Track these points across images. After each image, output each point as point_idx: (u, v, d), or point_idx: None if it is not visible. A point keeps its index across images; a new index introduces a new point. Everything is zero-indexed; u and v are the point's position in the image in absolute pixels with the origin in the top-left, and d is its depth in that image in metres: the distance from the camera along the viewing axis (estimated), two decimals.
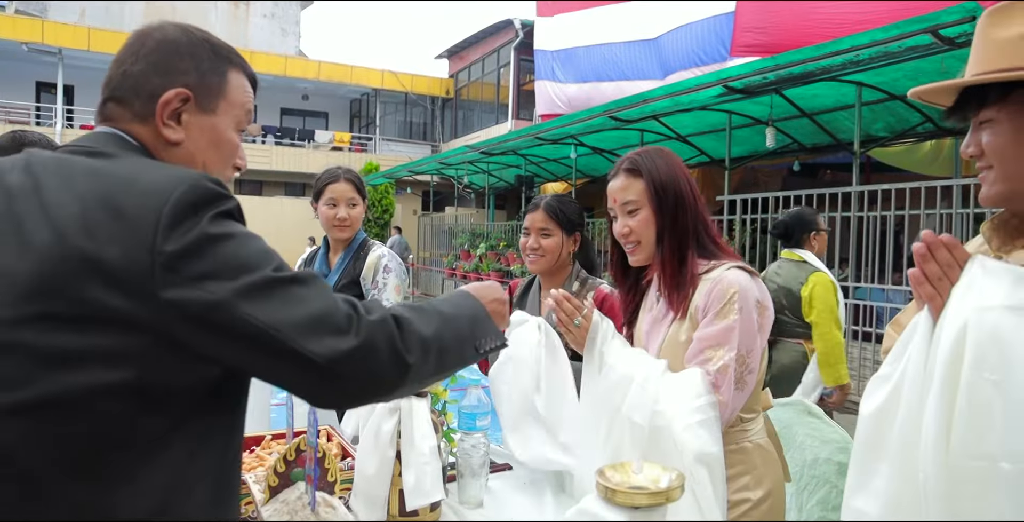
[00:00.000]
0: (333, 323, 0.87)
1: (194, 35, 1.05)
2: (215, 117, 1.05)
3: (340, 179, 2.51)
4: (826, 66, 5.54)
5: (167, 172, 0.90)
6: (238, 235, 0.89)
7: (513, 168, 13.67)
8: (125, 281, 0.82)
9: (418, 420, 1.50)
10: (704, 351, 1.47)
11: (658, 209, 1.58)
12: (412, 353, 0.92)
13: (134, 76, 1.00)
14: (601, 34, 12.89)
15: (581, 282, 2.25)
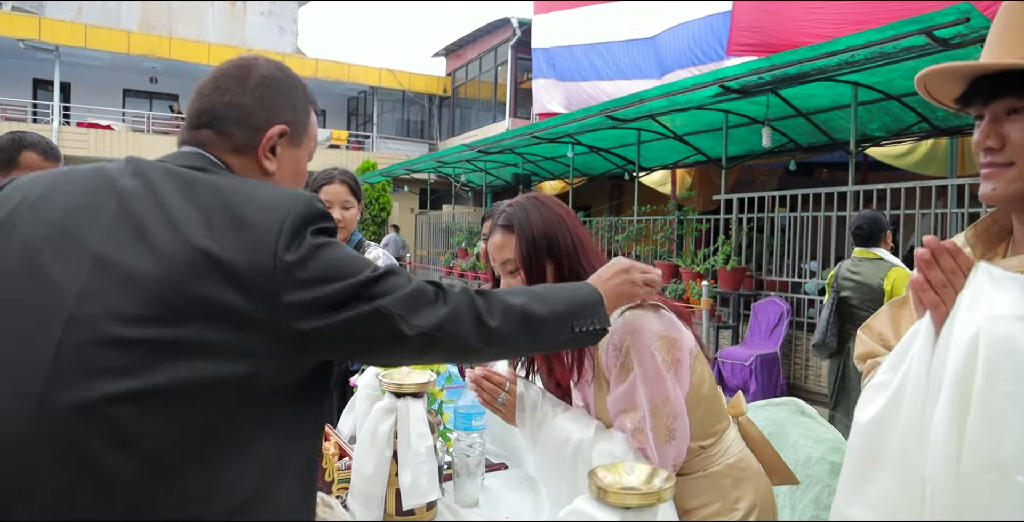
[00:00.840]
0: (426, 298, 1.00)
1: (288, 73, 1.14)
2: (300, 150, 1.15)
3: (335, 180, 2.51)
4: (822, 66, 5.56)
5: (281, 191, 1.00)
6: (336, 246, 0.99)
7: (510, 166, 13.69)
8: (248, 284, 0.90)
9: (415, 420, 1.51)
10: (618, 418, 1.39)
11: (527, 270, 1.47)
12: (495, 317, 1.04)
13: (241, 108, 1.07)
14: (598, 33, 12.90)
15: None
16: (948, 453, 0.84)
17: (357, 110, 24.37)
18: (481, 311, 1.04)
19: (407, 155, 20.29)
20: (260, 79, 1.09)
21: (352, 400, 1.93)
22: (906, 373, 0.92)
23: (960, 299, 0.90)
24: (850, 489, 0.96)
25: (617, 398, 1.39)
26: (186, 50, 19.27)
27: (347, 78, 21.39)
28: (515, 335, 1.08)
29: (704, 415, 1.46)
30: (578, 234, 1.50)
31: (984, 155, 1.04)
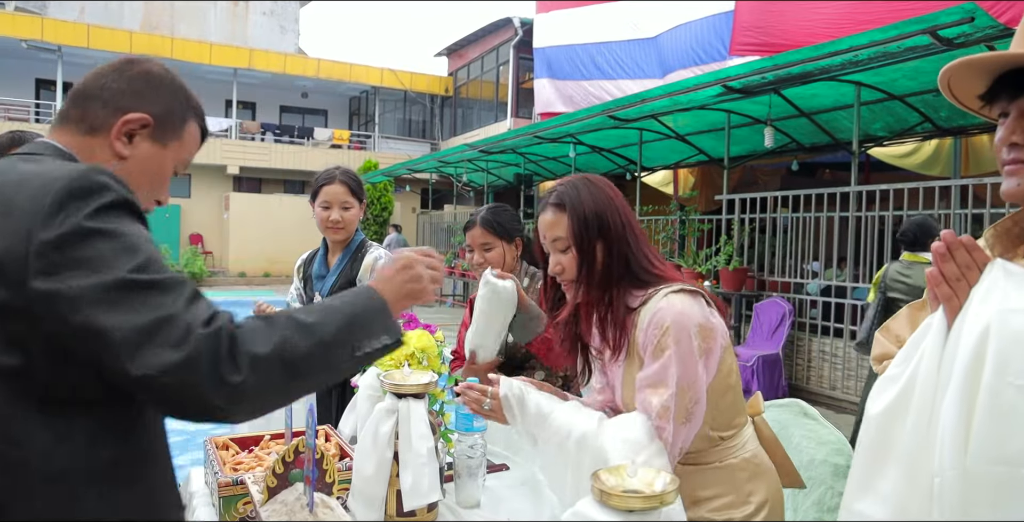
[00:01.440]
0: (166, 335, 0.85)
1: (176, 79, 1.17)
2: (164, 151, 1.14)
3: (335, 181, 2.51)
4: (825, 66, 5.55)
5: (65, 168, 0.93)
6: (111, 232, 0.89)
7: (512, 166, 13.68)
8: (3, 271, 0.85)
9: (416, 421, 1.50)
10: (644, 392, 1.41)
11: (579, 248, 1.50)
12: (240, 372, 0.86)
13: (111, 91, 1.09)
14: (600, 32, 12.88)
15: (530, 277, 2.35)
16: (956, 447, 0.84)
17: (359, 110, 24.37)
18: (222, 363, 0.85)
19: (409, 155, 20.28)
20: (141, 72, 1.13)
21: (353, 400, 1.92)
22: (917, 366, 0.92)
23: (974, 293, 0.89)
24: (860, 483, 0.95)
25: (648, 374, 1.41)
26: (188, 50, 19.29)
27: (349, 78, 21.40)
28: (273, 385, 0.90)
29: (729, 405, 1.49)
30: (627, 216, 1.53)
31: (1008, 151, 1.03)
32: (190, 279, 0.94)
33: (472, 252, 2.32)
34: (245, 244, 18.67)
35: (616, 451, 1.34)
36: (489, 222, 2.29)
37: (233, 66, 19.75)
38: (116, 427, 0.95)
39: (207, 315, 0.88)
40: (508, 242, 2.30)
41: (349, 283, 2.51)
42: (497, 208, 2.35)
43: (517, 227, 2.33)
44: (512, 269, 2.32)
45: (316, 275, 2.60)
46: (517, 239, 2.32)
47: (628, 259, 1.49)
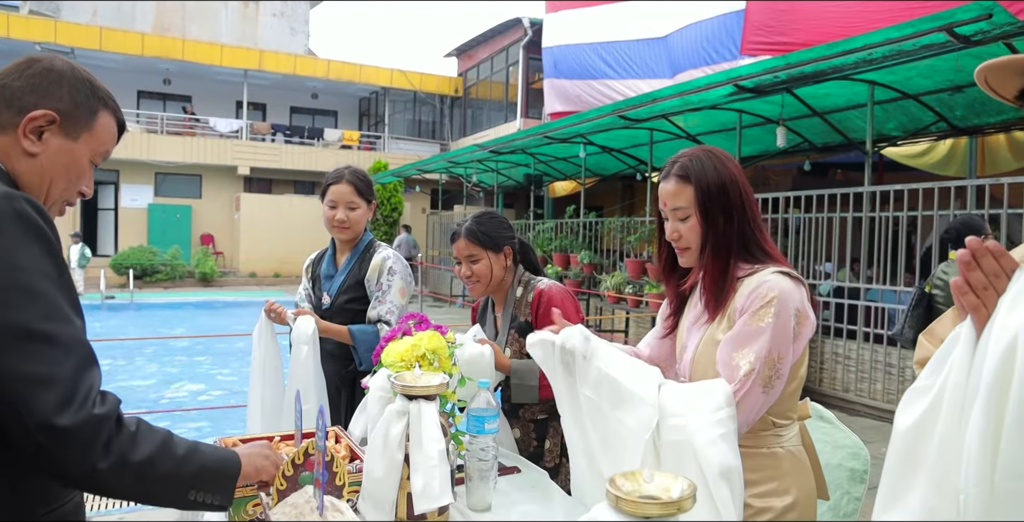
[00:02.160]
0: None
1: (79, 73, 1.20)
2: (75, 144, 1.17)
3: (342, 181, 2.49)
4: (838, 65, 5.50)
5: None
6: (29, 267, 0.97)
7: (522, 167, 13.66)
8: None
9: (427, 423, 1.48)
10: (732, 353, 1.46)
11: (704, 217, 1.56)
12: (106, 460, 0.96)
13: (12, 90, 1.12)
14: (609, 32, 12.85)
15: (524, 285, 2.27)
16: (982, 461, 0.81)
17: (369, 111, 24.42)
18: (96, 448, 0.95)
19: (418, 155, 20.30)
20: (42, 69, 1.15)
21: (363, 402, 1.91)
22: (946, 378, 0.89)
23: (1001, 302, 0.86)
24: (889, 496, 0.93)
25: (739, 333, 1.46)
26: (199, 51, 19.38)
27: (359, 79, 21.45)
28: (120, 485, 1.01)
29: (790, 395, 1.54)
30: (747, 191, 1.58)
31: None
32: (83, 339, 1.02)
33: (460, 264, 2.26)
34: (255, 244, 18.74)
35: (686, 405, 1.36)
36: (473, 232, 2.21)
37: (244, 67, 19.83)
38: None
39: (98, 395, 0.98)
40: (495, 252, 2.23)
41: (357, 283, 2.49)
42: (483, 216, 2.27)
43: (505, 235, 2.25)
44: (502, 279, 2.26)
45: (324, 275, 2.58)
46: (506, 248, 2.25)
47: (745, 231, 1.55)
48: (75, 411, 0.93)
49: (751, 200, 1.58)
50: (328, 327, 2.36)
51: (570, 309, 2.16)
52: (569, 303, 2.18)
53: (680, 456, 1.33)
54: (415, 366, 1.73)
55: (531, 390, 2.11)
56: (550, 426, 2.19)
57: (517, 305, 2.24)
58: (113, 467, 0.96)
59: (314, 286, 2.63)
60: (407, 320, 1.90)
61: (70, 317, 1.00)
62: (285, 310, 2.36)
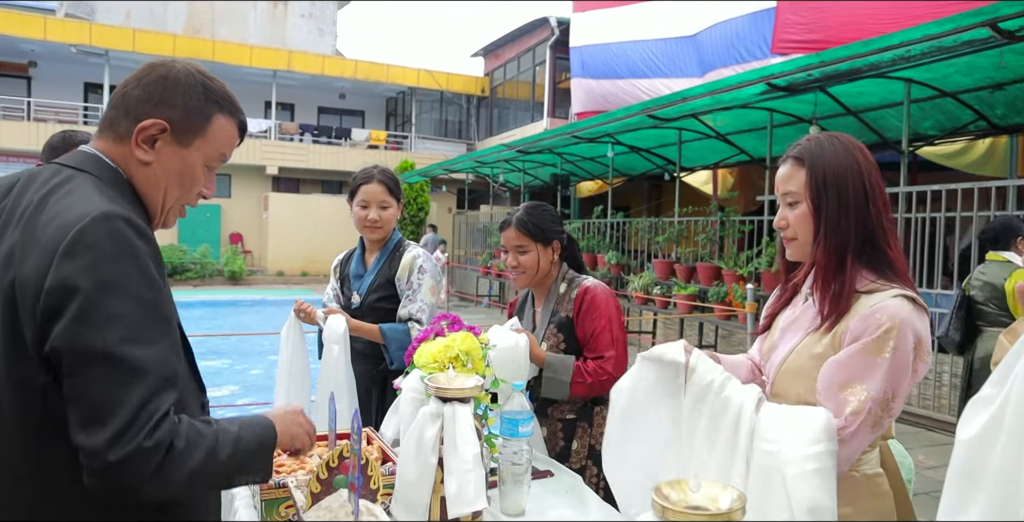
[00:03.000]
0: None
1: (194, 77, 1.18)
2: (187, 151, 1.17)
3: (373, 180, 2.48)
4: (874, 62, 5.37)
5: (82, 208, 1.02)
6: (116, 286, 0.99)
7: (549, 167, 13.61)
8: (24, 293, 0.99)
9: (462, 426, 1.46)
10: (841, 386, 1.33)
11: (816, 206, 1.42)
12: (152, 486, 0.98)
13: (131, 99, 1.14)
14: (638, 31, 12.75)
15: (568, 282, 2.25)
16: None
17: (396, 110, 24.53)
18: (145, 474, 0.97)
19: (445, 155, 20.34)
20: (158, 77, 1.15)
21: (396, 402, 1.89)
22: (1010, 389, 0.85)
23: None
24: (951, 509, 0.89)
25: (851, 367, 1.32)
26: (229, 53, 19.61)
27: (386, 79, 21.55)
28: (168, 495, 1.03)
29: None
30: (871, 183, 1.42)
31: None
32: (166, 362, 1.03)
33: (507, 253, 2.25)
34: (283, 243, 18.92)
35: (782, 431, 1.28)
36: (524, 223, 2.21)
37: (272, 68, 20.03)
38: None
39: (162, 412, 1.00)
40: (544, 245, 2.22)
41: (388, 282, 2.48)
42: (535, 208, 2.26)
43: (555, 228, 2.24)
44: (547, 273, 2.25)
45: (354, 274, 2.57)
46: (555, 242, 2.23)
47: (866, 229, 1.40)
48: (125, 444, 0.94)
49: (877, 196, 1.42)
50: (359, 326, 2.35)
51: (612, 310, 2.14)
52: (612, 304, 2.16)
53: (767, 482, 1.26)
54: (448, 367, 1.71)
55: (562, 385, 2.09)
56: (578, 427, 2.16)
57: (560, 301, 2.22)
58: (161, 488, 0.99)
59: (343, 285, 2.62)
60: (440, 321, 1.88)
61: (154, 339, 1.01)
62: (315, 310, 2.36)
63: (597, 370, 2.08)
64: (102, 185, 1.10)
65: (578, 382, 2.08)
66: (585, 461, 2.13)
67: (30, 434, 1.01)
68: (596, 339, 2.12)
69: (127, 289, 0.99)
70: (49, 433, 1.00)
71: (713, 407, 1.36)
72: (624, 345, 2.15)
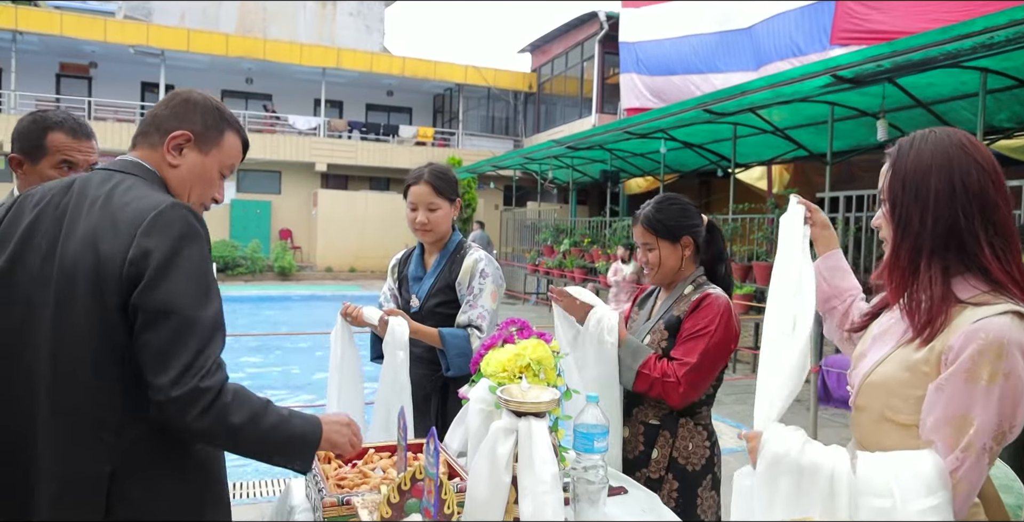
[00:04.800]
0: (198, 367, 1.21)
1: (210, 101, 1.48)
2: (206, 158, 1.46)
3: (420, 181, 2.35)
4: (952, 51, 5.08)
5: (154, 198, 1.30)
6: (184, 259, 1.25)
7: (598, 163, 13.43)
8: (107, 271, 1.24)
9: (538, 443, 1.35)
10: (948, 420, 1.19)
11: (891, 205, 1.33)
12: (201, 422, 1.19)
13: (160, 117, 1.44)
14: (691, 25, 12.47)
15: (695, 286, 2.11)
16: None
17: (443, 107, 24.57)
18: (196, 409, 1.19)
19: (492, 152, 20.28)
20: (181, 100, 1.46)
21: (462, 412, 1.79)
22: None
23: None
24: None
25: (957, 396, 1.18)
26: (280, 51, 19.87)
27: (433, 75, 21.58)
28: (214, 438, 1.26)
29: None
30: (966, 182, 1.26)
31: None
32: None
33: (639, 250, 2.17)
34: (332, 240, 19.12)
35: (893, 484, 1.16)
36: (649, 220, 2.09)
37: (322, 66, 20.23)
38: None
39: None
40: (672, 242, 2.08)
41: (448, 286, 2.36)
42: (663, 203, 2.12)
43: (686, 224, 2.09)
44: (676, 271, 2.11)
45: (412, 276, 2.46)
46: (684, 238, 2.09)
47: (953, 232, 1.26)
48: (184, 383, 1.17)
49: (973, 197, 1.26)
50: (419, 328, 2.23)
51: (723, 326, 1.97)
52: (726, 320, 1.98)
53: None
54: (520, 377, 1.60)
55: (629, 372, 1.98)
56: (661, 434, 2.03)
57: (679, 300, 2.09)
58: (206, 428, 1.20)
59: (401, 287, 2.51)
60: (508, 326, 1.78)
61: (210, 303, 1.25)
62: (361, 312, 2.23)
63: (667, 371, 1.94)
64: (146, 184, 1.36)
65: (643, 374, 1.96)
66: (664, 473, 2.01)
67: (112, 386, 1.23)
68: (688, 341, 1.98)
69: (192, 261, 1.25)
70: (127, 385, 1.23)
71: (795, 475, 1.24)
72: (712, 367, 1.97)
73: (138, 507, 1.23)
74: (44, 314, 1.25)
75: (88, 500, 1.20)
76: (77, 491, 1.21)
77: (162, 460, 1.25)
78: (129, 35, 18.62)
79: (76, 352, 1.23)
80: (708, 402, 2.08)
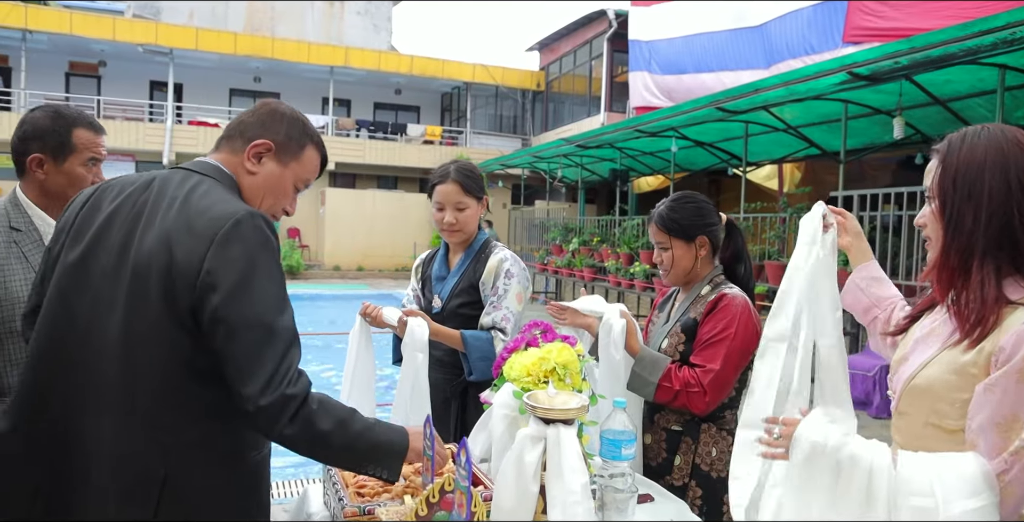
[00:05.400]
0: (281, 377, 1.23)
1: (296, 114, 1.50)
2: (284, 169, 1.47)
3: (448, 180, 2.26)
4: (972, 47, 4.99)
5: (233, 205, 1.30)
6: (261, 269, 1.27)
7: (607, 162, 13.36)
8: (183, 275, 1.24)
9: (567, 451, 1.30)
10: (997, 423, 1.15)
11: (941, 203, 1.28)
12: (291, 428, 1.23)
13: (245, 124, 1.46)
14: (702, 23, 12.37)
15: (712, 286, 2.06)
16: None
17: (451, 105, 24.52)
18: (285, 417, 1.22)
19: (500, 150, 20.21)
20: (269, 110, 1.47)
21: (483, 418, 1.74)
22: None
23: None
24: None
25: (1004, 399, 1.14)
26: (288, 50, 19.85)
27: (441, 74, 21.53)
28: (301, 445, 1.27)
29: None
30: (1022, 179, 1.23)
31: None
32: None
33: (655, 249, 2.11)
34: (340, 238, 19.10)
35: (935, 484, 1.12)
36: (663, 219, 2.03)
37: (330, 64, 20.20)
38: None
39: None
40: (686, 242, 2.02)
41: (471, 286, 2.28)
42: (678, 202, 2.06)
43: (700, 223, 2.02)
44: (692, 271, 2.05)
45: (436, 276, 2.38)
46: (700, 238, 2.03)
47: (1007, 231, 1.22)
48: (272, 391, 1.20)
49: None
50: (439, 330, 2.15)
51: (742, 326, 1.91)
52: (746, 320, 1.92)
53: None
54: (547, 382, 1.55)
55: (648, 386, 1.91)
56: (683, 441, 1.98)
57: (695, 302, 2.03)
58: (296, 435, 1.22)
59: (424, 288, 2.43)
60: (531, 329, 1.73)
61: (284, 308, 1.28)
62: (381, 312, 2.14)
63: (689, 380, 1.88)
64: (223, 188, 1.36)
65: (665, 386, 1.89)
66: (688, 480, 1.95)
67: (175, 389, 1.23)
68: (709, 347, 1.91)
69: (268, 271, 1.27)
70: (188, 389, 1.24)
71: (833, 468, 1.20)
72: (735, 369, 1.91)
73: (187, 509, 1.23)
74: (113, 311, 1.24)
75: (139, 500, 1.20)
76: (129, 490, 1.21)
77: (215, 464, 1.25)
78: (138, 34, 18.64)
79: (143, 353, 1.23)
80: (732, 405, 2.02)
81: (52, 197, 1.81)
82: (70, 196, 1.80)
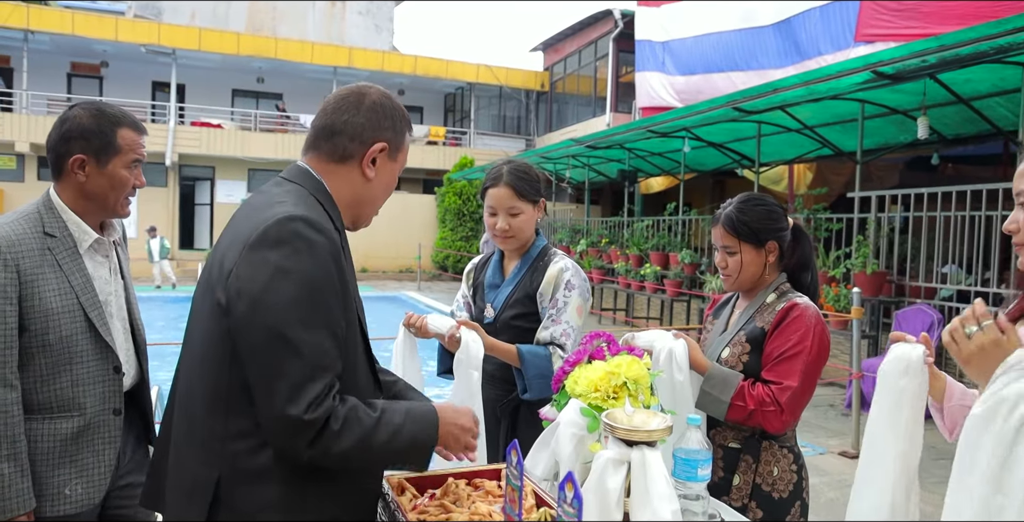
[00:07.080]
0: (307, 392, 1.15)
1: (394, 101, 1.39)
2: (395, 164, 1.40)
3: (500, 183, 2.11)
4: (1003, 45, 4.88)
5: (274, 210, 1.22)
6: (289, 274, 1.16)
7: (615, 163, 13.26)
8: (222, 275, 1.23)
9: (654, 477, 1.20)
10: None
11: None
12: (310, 452, 1.16)
13: (355, 126, 1.33)
14: (712, 23, 12.29)
15: (779, 294, 1.94)
16: None
17: (454, 106, 24.43)
18: (303, 441, 1.15)
19: (504, 151, 20.11)
20: (372, 104, 1.35)
21: (543, 436, 1.63)
22: None
23: None
24: None
25: None
26: (291, 50, 19.76)
27: (445, 74, 21.44)
28: (324, 464, 1.21)
29: None
30: None
31: None
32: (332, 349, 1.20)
33: (717, 252, 1.98)
34: None
35: None
36: (731, 221, 1.90)
37: (333, 65, 20.11)
38: None
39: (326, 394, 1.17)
40: (756, 246, 1.90)
41: (528, 296, 2.11)
42: (747, 202, 1.93)
43: (771, 227, 1.91)
44: (758, 278, 1.93)
45: (489, 284, 2.23)
46: (769, 243, 1.91)
47: None
48: (287, 416, 1.12)
49: None
50: (494, 344, 1.99)
51: (817, 339, 1.79)
52: (820, 332, 1.81)
53: None
54: (614, 398, 1.45)
55: (720, 405, 1.78)
56: (743, 459, 1.86)
57: (761, 309, 1.91)
58: (316, 456, 1.16)
59: (475, 295, 2.28)
60: (593, 340, 1.62)
61: (315, 323, 1.16)
62: (426, 322, 1.98)
63: (764, 398, 1.76)
64: (307, 193, 1.28)
65: (738, 405, 1.77)
66: (747, 501, 1.84)
67: (222, 399, 1.20)
68: (783, 362, 1.79)
69: (299, 277, 1.15)
70: (230, 402, 1.19)
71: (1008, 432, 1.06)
72: (812, 384, 1.80)
73: (239, 513, 1.20)
74: (199, 321, 1.28)
75: (194, 501, 1.20)
76: (186, 491, 1.23)
77: (267, 472, 1.20)
78: (140, 34, 18.55)
79: (200, 362, 1.24)
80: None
81: (91, 200, 1.70)
82: (111, 199, 1.70)
